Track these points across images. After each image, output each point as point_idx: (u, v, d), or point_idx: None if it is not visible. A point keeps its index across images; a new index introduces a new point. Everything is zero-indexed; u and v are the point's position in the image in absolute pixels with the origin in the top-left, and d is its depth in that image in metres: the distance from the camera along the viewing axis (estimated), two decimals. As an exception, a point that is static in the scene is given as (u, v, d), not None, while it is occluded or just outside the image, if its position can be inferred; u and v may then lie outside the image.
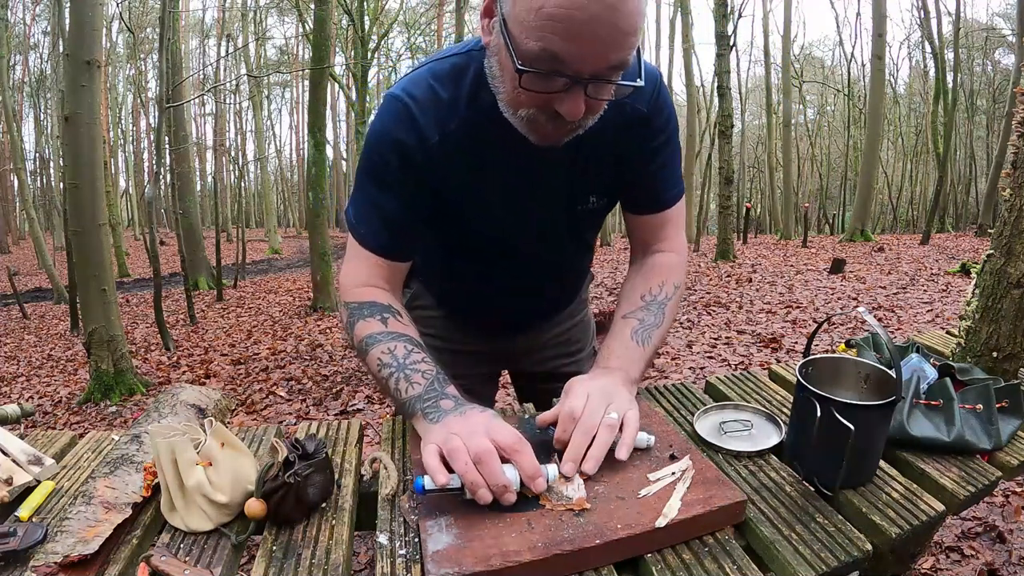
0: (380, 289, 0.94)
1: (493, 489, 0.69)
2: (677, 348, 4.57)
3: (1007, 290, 1.11)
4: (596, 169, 0.95)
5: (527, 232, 1.01)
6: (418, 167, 0.88)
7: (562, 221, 1.01)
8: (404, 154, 0.87)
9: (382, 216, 0.92)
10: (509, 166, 0.91)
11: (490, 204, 0.95)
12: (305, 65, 15.77)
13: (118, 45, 22.42)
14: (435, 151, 0.87)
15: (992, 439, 0.89)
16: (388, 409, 3.65)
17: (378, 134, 0.89)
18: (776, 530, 0.71)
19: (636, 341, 0.94)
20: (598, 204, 1.00)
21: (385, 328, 0.89)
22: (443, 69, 0.88)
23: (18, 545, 0.69)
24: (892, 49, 26.74)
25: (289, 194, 37.02)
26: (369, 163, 0.90)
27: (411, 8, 18.88)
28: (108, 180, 12.27)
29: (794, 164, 21.24)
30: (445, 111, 0.87)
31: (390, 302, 0.93)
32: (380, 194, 0.91)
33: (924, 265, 8.25)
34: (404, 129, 0.87)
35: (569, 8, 0.65)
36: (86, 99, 4.00)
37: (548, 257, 1.08)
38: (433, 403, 0.81)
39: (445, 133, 0.87)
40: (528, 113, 0.77)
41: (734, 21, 10.91)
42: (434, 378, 0.85)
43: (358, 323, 0.91)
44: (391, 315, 0.91)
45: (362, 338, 0.89)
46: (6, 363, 6.03)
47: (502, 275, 1.08)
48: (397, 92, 0.88)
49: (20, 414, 1.15)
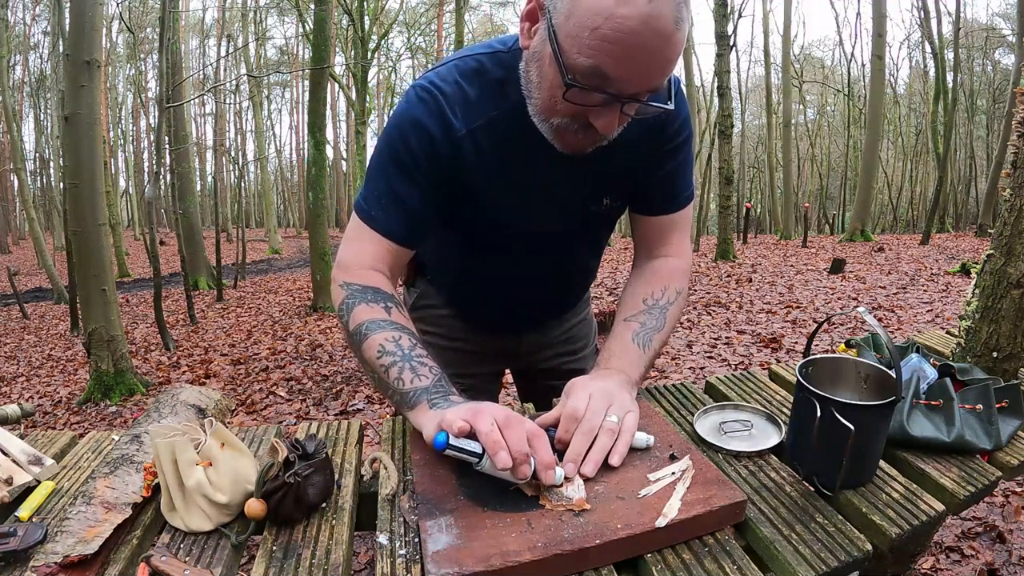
0: (383, 276, 0.92)
1: (514, 455, 0.69)
2: (677, 348, 4.57)
3: (1007, 290, 1.11)
4: (612, 171, 0.95)
5: (543, 232, 1.01)
6: (442, 157, 0.88)
7: (576, 222, 1.02)
8: (430, 142, 0.87)
9: (399, 201, 0.89)
10: (529, 167, 0.91)
11: (508, 203, 0.95)
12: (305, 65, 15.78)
13: (118, 45, 22.44)
14: (461, 144, 0.88)
15: (992, 439, 0.89)
16: (388, 409, 3.65)
17: (404, 120, 0.87)
18: (776, 530, 0.71)
19: (637, 344, 0.94)
20: (612, 205, 1.01)
21: (388, 317, 0.87)
22: (469, 67, 0.89)
23: (18, 545, 0.69)
24: (892, 49, 26.76)
25: (289, 194, 37.01)
26: (391, 148, 0.89)
27: (411, 8, 18.88)
28: (108, 180, 12.29)
29: (794, 164, 21.26)
30: (472, 107, 0.88)
31: (393, 292, 0.92)
32: (400, 179, 0.89)
33: (924, 265, 8.25)
34: (432, 118, 0.86)
35: (627, 34, 0.68)
36: (86, 99, 4.01)
37: (561, 257, 1.09)
38: (442, 396, 0.81)
39: (471, 128, 0.88)
40: (561, 122, 0.79)
41: (734, 21, 10.92)
42: (441, 375, 0.84)
43: (358, 306, 0.88)
44: (395, 306, 0.89)
45: (362, 322, 0.86)
46: (6, 363, 6.03)
47: (515, 274, 1.08)
48: (424, 83, 0.88)
49: (20, 414, 1.15)
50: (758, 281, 7.55)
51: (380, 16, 13.86)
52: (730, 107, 10.30)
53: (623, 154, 0.93)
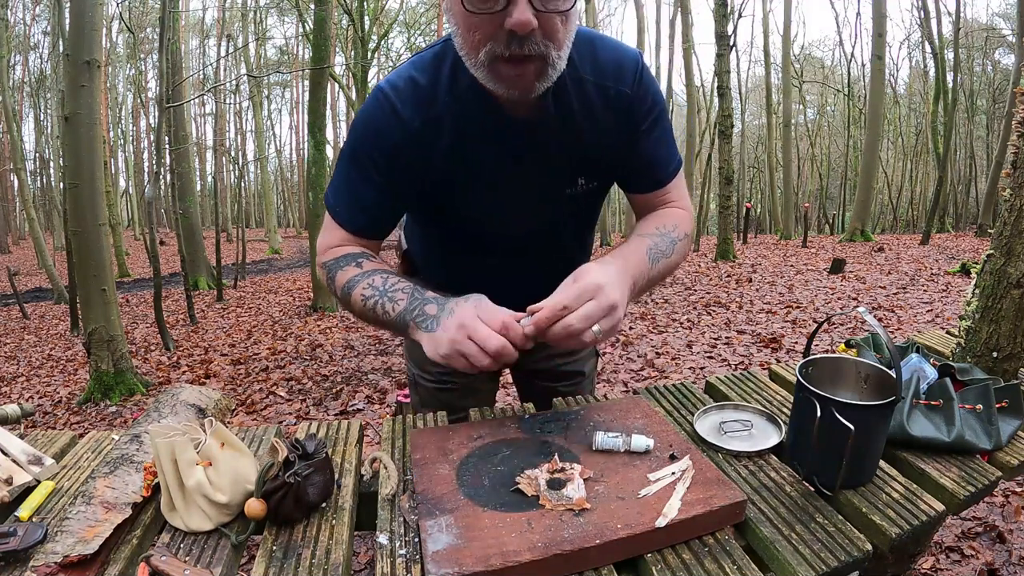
0: (351, 247, 0.98)
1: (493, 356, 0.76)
2: (677, 348, 4.57)
3: (1007, 290, 1.12)
4: (582, 150, 0.96)
5: (518, 219, 1.02)
6: (401, 154, 0.91)
7: (556, 209, 1.02)
8: (385, 143, 0.90)
9: (358, 199, 0.95)
10: (494, 149, 0.92)
11: (478, 190, 0.96)
12: (305, 65, 15.77)
13: (118, 45, 22.43)
14: (418, 136, 0.90)
15: (992, 439, 0.89)
16: (388, 409, 3.65)
17: (361, 123, 0.92)
18: (776, 530, 0.71)
19: (648, 257, 0.94)
20: (588, 187, 1.01)
21: (361, 270, 0.93)
22: (424, 59, 0.91)
23: (18, 545, 0.69)
24: (892, 49, 26.74)
25: (289, 194, 37.00)
26: (351, 150, 0.94)
27: (411, 8, 18.88)
28: (108, 180, 12.28)
29: (794, 164, 21.25)
30: (425, 97, 0.89)
31: (362, 250, 0.97)
32: (359, 180, 0.94)
33: (924, 265, 8.25)
34: (385, 118, 0.89)
35: None
36: (86, 99, 4.00)
37: (547, 249, 1.08)
38: (419, 311, 0.86)
39: (427, 118, 0.89)
40: (487, 51, 0.78)
41: (734, 21, 10.92)
42: (413, 290, 0.89)
43: (337, 274, 0.95)
44: (364, 258, 0.95)
45: (342, 284, 0.94)
46: (6, 363, 6.03)
47: (498, 267, 1.08)
48: (381, 84, 0.92)
49: (20, 414, 1.15)
50: (758, 281, 7.55)
51: (380, 16, 13.86)
52: (730, 107, 10.30)
53: (594, 140, 0.94)
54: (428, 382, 1.25)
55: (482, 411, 1.01)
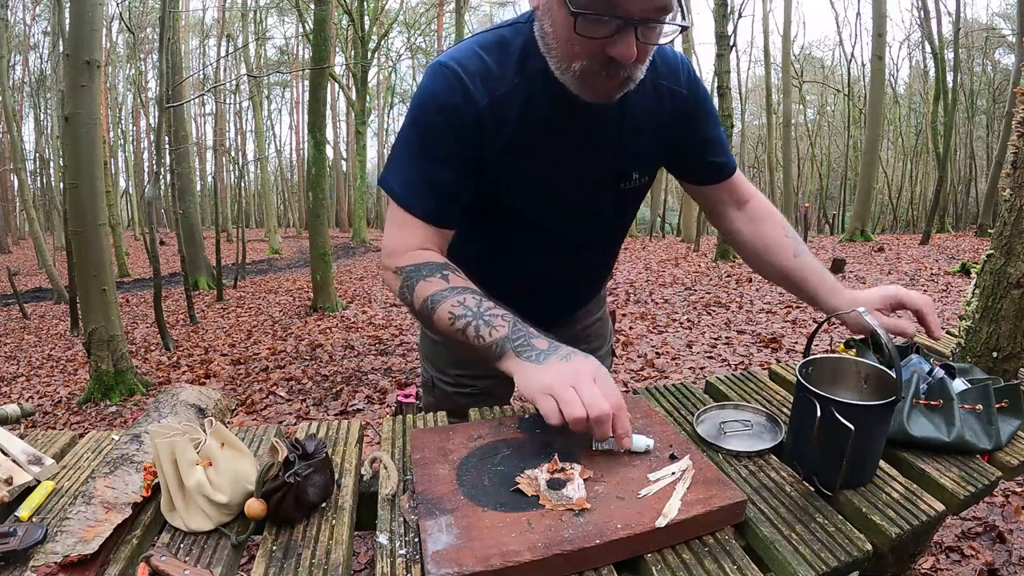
0: (431, 252, 0.93)
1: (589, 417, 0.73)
2: (677, 348, 4.57)
3: (1007, 290, 1.11)
4: (639, 145, 0.97)
5: (568, 212, 1.01)
6: (467, 132, 0.88)
7: (607, 199, 1.03)
8: (454, 118, 0.87)
9: (429, 181, 0.90)
10: (556, 138, 0.92)
11: (532, 176, 0.95)
12: (305, 65, 15.77)
13: (118, 45, 22.45)
14: (484, 115, 0.88)
15: (992, 439, 0.89)
16: (388, 409, 3.65)
17: (426, 98, 0.88)
18: (776, 530, 0.71)
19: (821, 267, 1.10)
20: (640, 181, 1.03)
21: (448, 284, 0.88)
22: (489, 40, 0.90)
23: (18, 545, 0.69)
24: (892, 49, 26.74)
25: (289, 194, 36.99)
26: (416, 128, 0.89)
27: (411, 8, 18.88)
28: (108, 180, 12.29)
29: (794, 164, 21.23)
30: (494, 78, 0.88)
31: (446, 261, 0.92)
32: (427, 159, 0.90)
33: (924, 265, 8.25)
34: (454, 93, 0.87)
35: None
36: (86, 99, 4.01)
37: (590, 239, 1.08)
38: (524, 342, 0.81)
39: (494, 98, 0.88)
40: (582, 65, 0.80)
41: (734, 21, 10.92)
42: (515, 320, 0.85)
43: (419, 284, 0.89)
44: (451, 271, 0.90)
45: (426, 297, 0.87)
46: (6, 363, 6.03)
47: (539, 261, 1.07)
48: (444, 60, 0.89)
49: (20, 414, 1.15)
50: (758, 281, 7.54)
51: (380, 16, 13.87)
52: (730, 107, 10.28)
53: (652, 128, 0.97)
54: (447, 385, 1.24)
55: (482, 411, 1.01)
